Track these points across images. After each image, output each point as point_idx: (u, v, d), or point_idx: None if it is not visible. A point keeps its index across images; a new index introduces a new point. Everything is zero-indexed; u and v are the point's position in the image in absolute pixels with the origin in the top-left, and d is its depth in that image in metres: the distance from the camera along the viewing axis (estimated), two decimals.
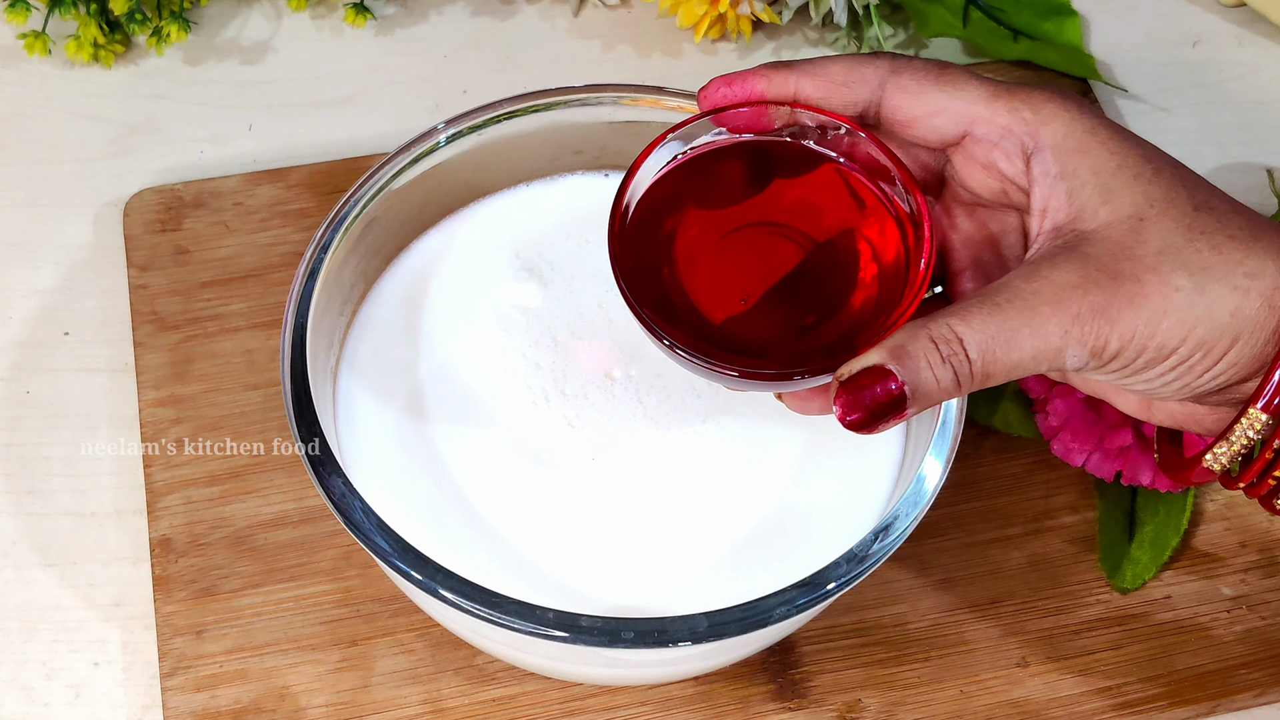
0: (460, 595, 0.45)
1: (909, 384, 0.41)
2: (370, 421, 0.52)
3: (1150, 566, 0.58)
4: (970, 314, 0.41)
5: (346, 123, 0.70)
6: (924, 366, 0.41)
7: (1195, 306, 0.41)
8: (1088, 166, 0.43)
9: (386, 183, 0.52)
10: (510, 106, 0.53)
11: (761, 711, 0.55)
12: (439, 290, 0.55)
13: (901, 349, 0.41)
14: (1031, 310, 0.41)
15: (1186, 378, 0.42)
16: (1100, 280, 0.41)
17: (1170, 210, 0.42)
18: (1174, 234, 0.42)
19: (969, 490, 0.60)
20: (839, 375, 0.42)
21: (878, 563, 0.46)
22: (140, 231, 0.64)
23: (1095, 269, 0.41)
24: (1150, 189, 0.42)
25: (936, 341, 0.41)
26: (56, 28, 0.70)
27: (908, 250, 0.44)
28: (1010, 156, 0.44)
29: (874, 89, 0.45)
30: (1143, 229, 0.42)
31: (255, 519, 0.58)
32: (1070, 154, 0.43)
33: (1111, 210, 0.42)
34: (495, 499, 0.51)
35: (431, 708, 0.55)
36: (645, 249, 0.45)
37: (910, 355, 0.41)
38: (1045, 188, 0.43)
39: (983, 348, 0.41)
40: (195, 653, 0.55)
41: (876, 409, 0.41)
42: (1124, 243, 0.42)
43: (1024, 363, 0.41)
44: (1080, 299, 0.41)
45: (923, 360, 0.41)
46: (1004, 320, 0.41)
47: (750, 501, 0.51)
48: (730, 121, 0.46)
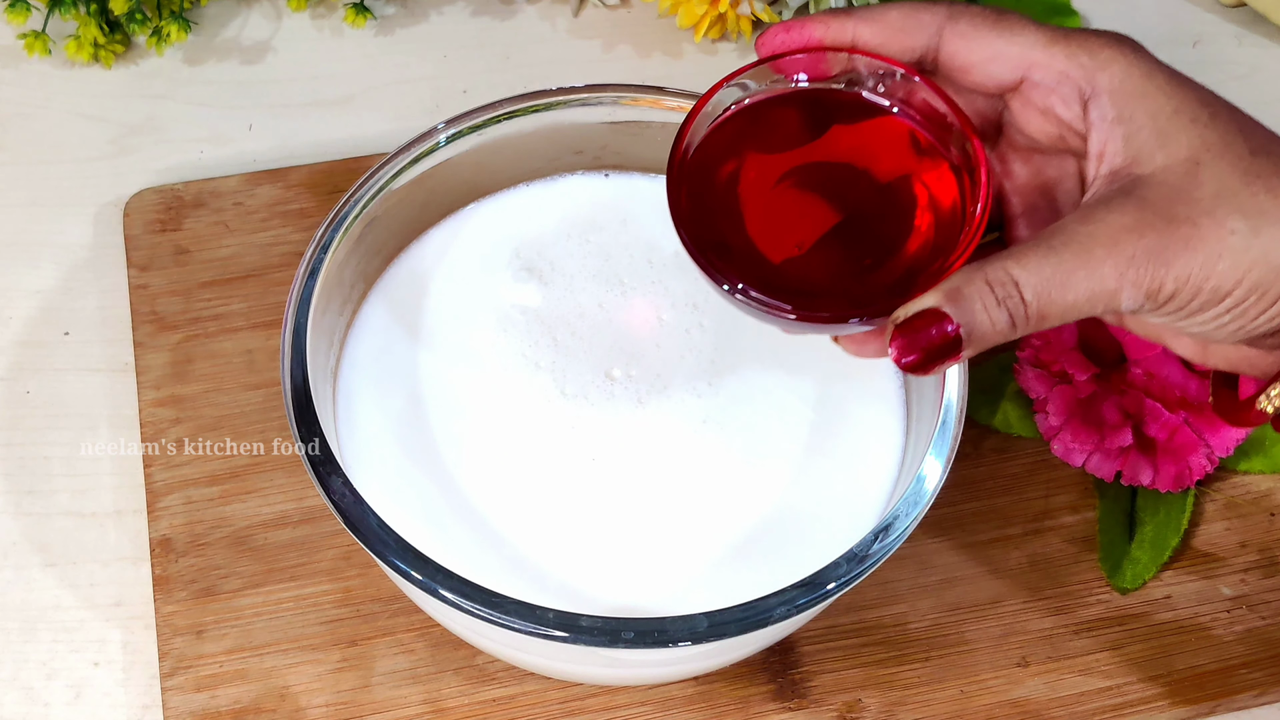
0: (460, 595, 0.45)
1: (964, 326, 0.42)
2: (370, 421, 0.52)
3: (1150, 566, 0.58)
4: (1025, 256, 0.42)
5: (346, 123, 0.70)
6: (979, 309, 0.42)
7: (1250, 249, 0.41)
8: (1144, 111, 0.43)
9: (386, 183, 0.52)
10: (510, 106, 0.53)
11: (761, 711, 0.55)
12: (439, 290, 0.55)
13: (957, 291, 0.42)
14: (1087, 253, 0.41)
15: (1241, 320, 0.43)
16: (1156, 223, 0.42)
17: (1227, 154, 0.42)
18: (1230, 178, 0.42)
19: (969, 490, 0.60)
20: (895, 318, 0.43)
21: (878, 563, 0.46)
22: (140, 231, 0.64)
23: (1151, 212, 0.42)
24: (1207, 133, 0.43)
25: (992, 284, 0.42)
26: (56, 28, 0.70)
27: (964, 195, 0.45)
28: (1067, 101, 0.44)
29: (931, 35, 0.45)
30: (1199, 173, 0.42)
31: (255, 519, 0.58)
32: (1127, 99, 0.43)
33: (1168, 154, 0.42)
34: (495, 499, 0.51)
35: (431, 708, 0.55)
36: (703, 193, 0.46)
37: (966, 298, 0.42)
38: (1102, 132, 0.43)
39: (1038, 290, 0.41)
40: (195, 653, 0.55)
41: (932, 351, 0.42)
42: (1180, 186, 0.42)
43: (1079, 304, 0.42)
44: (1136, 241, 0.41)
45: (978, 303, 0.42)
46: (1059, 262, 0.41)
47: (750, 501, 0.51)
48: (788, 69, 0.46)
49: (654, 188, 0.57)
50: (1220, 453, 0.58)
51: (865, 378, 0.54)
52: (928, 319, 0.42)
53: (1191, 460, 0.58)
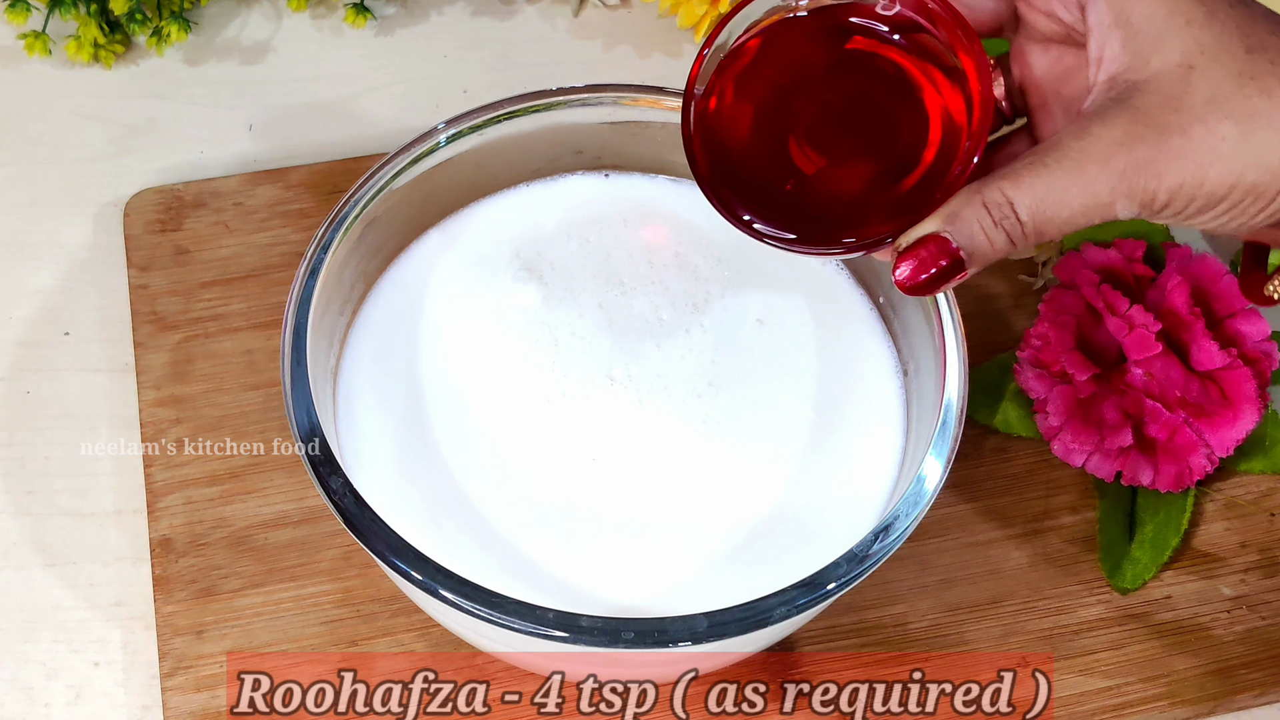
0: (460, 595, 0.45)
1: (965, 248, 0.43)
2: (370, 421, 0.52)
3: (1150, 566, 0.58)
4: (1020, 176, 0.42)
5: (346, 123, 0.70)
6: (978, 230, 0.43)
7: (1243, 154, 0.41)
8: (1140, 14, 0.43)
9: (386, 183, 0.52)
10: (510, 106, 0.53)
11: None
12: (439, 290, 0.55)
13: (956, 215, 0.43)
14: (1079, 168, 0.42)
15: (1241, 218, 0.43)
16: (1147, 135, 0.42)
17: (1221, 56, 0.42)
18: (1223, 81, 0.42)
19: (969, 490, 0.60)
20: (897, 245, 0.44)
21: (878, 563, 0.46)
22: (140, 231, 0.64)
23: (1142, 123, 0.42)
24: (1201, 35, 0.42)
25: (989, 206, 0.43)
26: (56, 28, 0.70)
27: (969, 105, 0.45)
28: (1068, 5, 0.45)
29: None
30: (1191, 77, 0.42)
31: (255, 519, 0.58)
32: (1123, 2, 0.43)
33: (1162, 59, 0.42)
34: (495, 499, 0.51)
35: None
36: (717, 128, 0.47)
37: (964, 220, 0.43)
38: (1100, 36, 0.44)
39: (1033, 209, 0.42)
40: (195, 653, 0.55)
41: (937, 273, 0.43)
42: (1172, 93, 0.42)
43: (1074, 219, 0.43)
44: (1126, 155, 0.42)
45: (976, 224, 0.43)
46: (1052, 180, 0.42)
47: (750, 501, 0.51)
48: None
49: (654, 188, 0.57)
50: (1220, 453, 0.58)
51: (865, 378, 0.54)
52: (929, 243, 0.43)
53: (1191, 460, 0.58)
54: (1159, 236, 0.63)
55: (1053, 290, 0.61)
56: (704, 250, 0.55)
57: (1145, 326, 0.57)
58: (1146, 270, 0.61)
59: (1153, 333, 0.57)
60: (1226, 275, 0.60)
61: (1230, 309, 0.59)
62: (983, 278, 0.65)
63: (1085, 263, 0.61)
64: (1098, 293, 0.59)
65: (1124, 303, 0.58)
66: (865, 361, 0.54)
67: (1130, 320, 0.58)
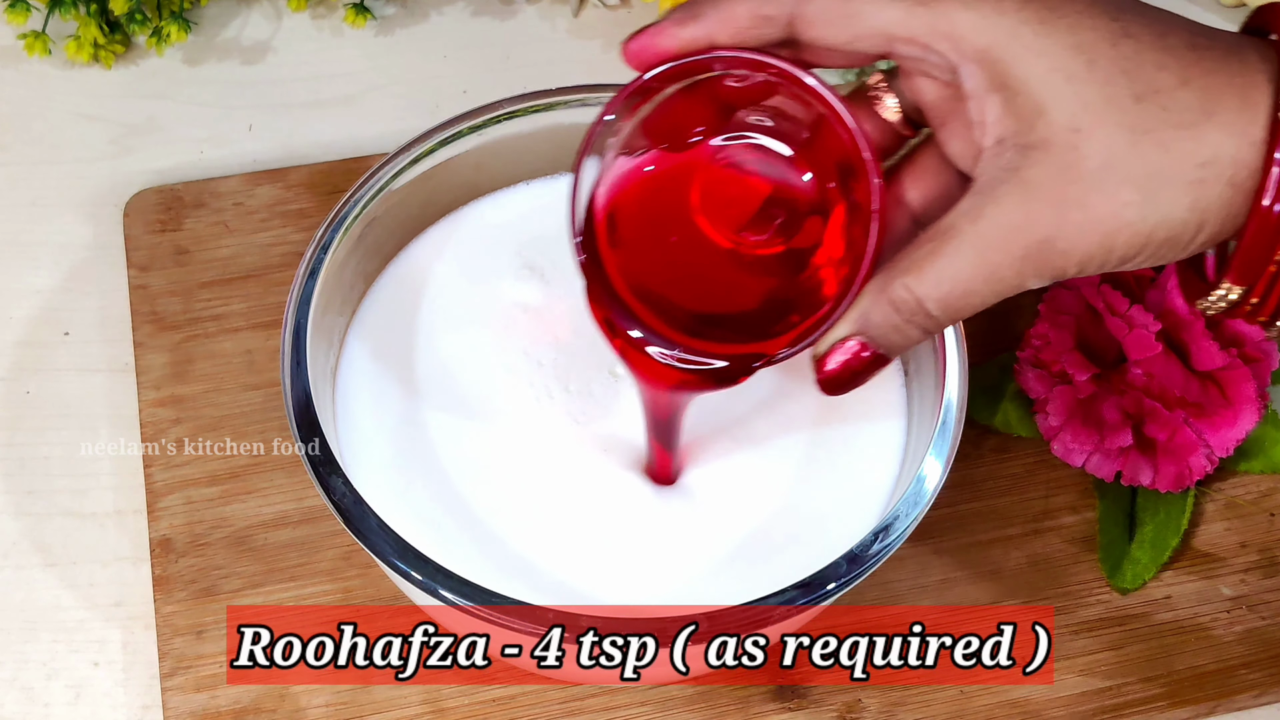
0: (460, 595, 0.45)
1: (881, 347, 0.43)
2: (370, 421, 0.52)
3: (1150, 566, 0.58)
4: (922, 270, 0.41)
5: (346, 123, 0.70)
6: (890, 330, 0.43)
7: (1148, 216, 0.40)
8: (1017, 75, 0.40)
9: (386, 183, 0.52)
10: (510, 106, 0.53)
11: (761, 711, 0.55)
12: (439, 289, 0.55)
13: (865, 319, 0.43)
14: (981, 257, 0.41)
15: (1163, 260, 0.41)
16: (1043, 214, 0.40)
17: (1108, 112, 0.39)
18: (1115, 141, 0.39)
19: (969, 490, 0.60)
20: (815, 354, 0.44)
21: (878, 563, 0.46)
22: (140, 231, 0.64)
23: (1038, 201, 0.40)
24: (1084, 90, 0.39)
25: (896, 306, 0.42)
26: (56, 28, 0.70)
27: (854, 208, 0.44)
28: (940, 71, 0.42)
29: (783, 27, 0.42)
30: (1080, 143, 0.39)
31: (255, 519, 0.58)
32: (995, 65, 0.40)
33: (1046, 124, 0.40)
34: (496, 498, 0.51)
35: (431, 708, 0.55)
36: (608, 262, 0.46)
37: (875, 325, 0.43)
38: (979, 101, 0.41)
39: (941, 303, 0.42)
40: (195, 653, 0.55)
41: (857, 372, 0.44)
42: (1064, 161, 0.40)
43: (986, 302, 0.42)
44: (1025, 238, 0.40)
45: (887, 325, 0.43)
46: (955, 272, 0.41)
47: (750, 501, 0.51)
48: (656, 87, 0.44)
49: None
50: (1220, 453, 0.58)
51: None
52: (845, 347, 0.43)
53: (1191, 460, 0.58)
54: None
55: (1053, 290, 0.61)
56: None
57: (1145, 326, 0.57)
58: (1146, 270, 0.61)
59: (1153, 333, 0.57)
60: None
61: None
62: None
63: None
64: (1098, 293, 0.59)
65: (1124, 303, 0.58)
66: None
67: (1130, 320, 0.58)
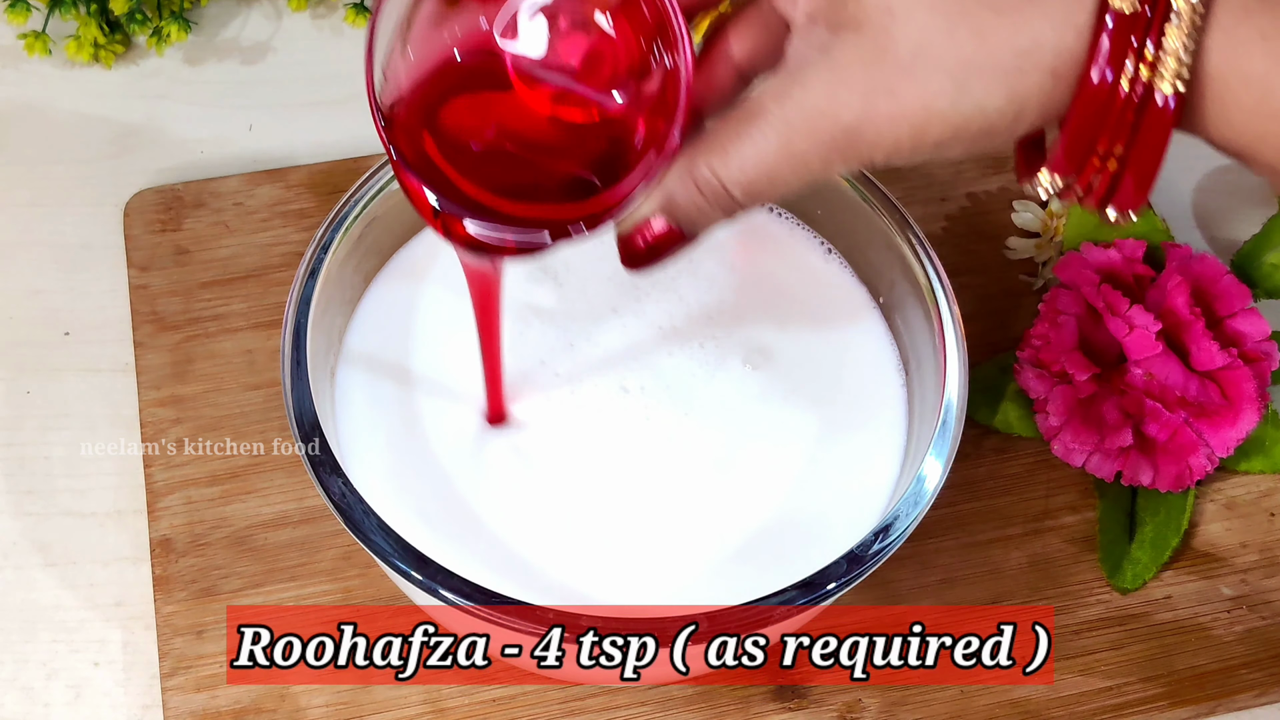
0: (460, 595, 0.45)
1: (684, 226, 0.42)
2: (371, 421, 0.52)
3: (1150, 566, 0.58)
4: (727, 153, 0.40)
5: (346, 123, 0.70)
6: (693, 210, 0.42)
7: (961, 106, 0.37)
8: None
9: (387, 183, 0.52)
10: None
11: (761, 711, 0.55)
12: (439, 289, 0.55)
13: (671, 201, 0.42)
14: (786, 143, 0.39)
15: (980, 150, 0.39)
16: (851, 101, 0.37)
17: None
18: (930, 25, 0.37)
19: (969, 490, 0.60)
20: (619, 231, 0.43)
21: (878, 563, 0.46)
22: (140, 231, 0.64)
23: (847, 86, 0.37)
24: None
25: (701, 187, 0.41)
26: (56, 28, 0.70)
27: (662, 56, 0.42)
28: None
29: None
30: (893, 26, 0.37)
31: (255, 519, 0.58)
32: None
33: (859, 3, 0.38)
34: (495, 498, 0.51)
35: (431, 708, 0.55)
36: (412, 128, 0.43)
37: (679, 206, 0.42)
38: None
39: (744, 187, 0.40)
40: (195, 653, 0.55)
41: (660, 248, 0.43)
42: (875, 45, 0.37)
43: (790, 189, 0.40)
44: (833, 125, 0.38)
45: (690, 206, 0.41)
46: (759, 156, 0.39)
47: (751, 502, 0.51)
48: None
49: None
50: (1220, 453, 0.58)
51: (866, 377, 0.54)
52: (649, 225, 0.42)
53: (1191, 460, 0.58)
54: (1159, 237, 0.63)
55: (1053, 290, 0.61)
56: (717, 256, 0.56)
57: (1145, 326, 0.57)
58: (1146, 270, 0.61)
59: (1153, 333, 0.57)
60: (1227, 275, 0.60)
61: (1230, 309, 0.59)
62: (983, 278, 0.65)
63: (1085, 263, 0.61)
64: (1098, 293, 0.59)
65: (1124, 303, 0.58)
66: (866, 361, 0.54)
67: (1130, 320, 0.58)
